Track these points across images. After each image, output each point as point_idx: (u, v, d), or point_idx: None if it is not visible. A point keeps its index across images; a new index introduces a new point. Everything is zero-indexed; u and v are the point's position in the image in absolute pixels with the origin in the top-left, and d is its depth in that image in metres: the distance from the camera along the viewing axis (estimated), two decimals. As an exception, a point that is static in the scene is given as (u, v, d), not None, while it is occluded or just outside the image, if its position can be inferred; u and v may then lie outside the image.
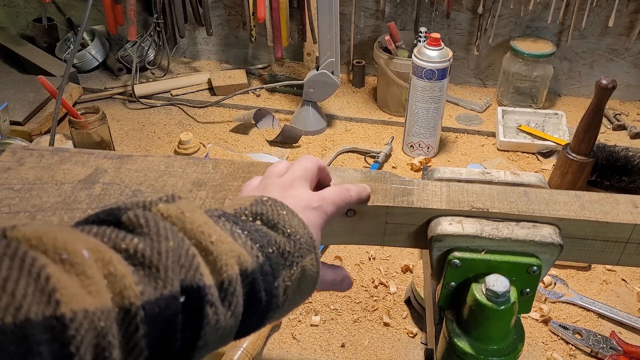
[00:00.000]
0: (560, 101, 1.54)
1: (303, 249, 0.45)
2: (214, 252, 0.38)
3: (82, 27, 1.20)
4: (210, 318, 0.36)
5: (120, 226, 0.37)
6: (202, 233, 0.38)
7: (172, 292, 0.34)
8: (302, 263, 0.44)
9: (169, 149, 1.33)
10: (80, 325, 0.29)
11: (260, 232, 0.43)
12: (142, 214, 0.37)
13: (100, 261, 0.32)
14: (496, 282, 0.53)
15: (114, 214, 0.37)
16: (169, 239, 0.36)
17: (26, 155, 0.63)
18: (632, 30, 1.43)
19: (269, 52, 1.63)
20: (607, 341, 0.89)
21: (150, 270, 0.34)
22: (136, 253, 0.34)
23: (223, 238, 0.39)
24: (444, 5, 1.46)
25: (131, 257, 0.34)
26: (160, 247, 0.35)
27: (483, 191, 0.59)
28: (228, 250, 0.39)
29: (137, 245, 0.35)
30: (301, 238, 0.45)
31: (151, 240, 0.35)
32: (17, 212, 0.56)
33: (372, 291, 0.99)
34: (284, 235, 0.44)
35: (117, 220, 0.37)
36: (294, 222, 0.45)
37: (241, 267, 0.39)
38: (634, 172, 1.11)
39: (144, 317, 0.32)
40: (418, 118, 1.26)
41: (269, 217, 0.45)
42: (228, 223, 0.42)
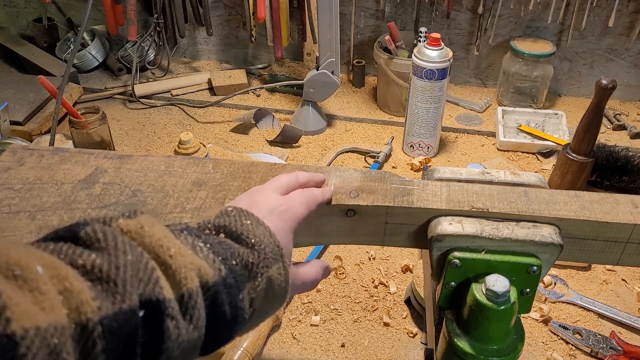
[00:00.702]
0: (560, 101, 1.54)
1: (268, 258, 0.44)
2: (173, 266, 0.37)
3: (82, 27, 1.20)
4: (171, 332, 0.36)
5: (77, 242, 0.36)
6: (161, 247, 0.38)
7: (130, 306, 0.34)
8: (268, 273, 0.44)
9: (169, 149, 1.33)
10: (32, 343, 0.28)
11: (223, 244, 0.42)
12: (101, 228, 0.37)
13: (55, 277, 0.32)
14: (496, 282, 0.53)
15: (72, 230, 0.37)
16: (127, 252, 0.35)
17: (26, 155, 0.63)
18: (632, 30, 1.43)
19: (269, 52, 1.63)
20: (607, 341, 0.89)
21: (108, 285, 0.33)
22: (93, 268, 0.34)
23: (182, 251, 0.39)
24: (444, 5, 1.46)
25: (88, 272, 0.34)
26: (117, 261, 0.35)
27: (483, 191, 0.59)
28: (187, 263, 0.38)
29: (94, 260, 0.34)
30: (266, 247, 0.44)
31: (109, 255, 0.35)
32: (17, 212, 0.56)
33: (372, 291, 0.99)
34: (247, 247, 0.43)
35: (74, 236, 0.36)
36: (259, 231, 0.45)
37: (201, 279, 0.39)
38: (634, 172, 1.11)
39: (102, 332, 0.32)
40: (418, 118, 1.26)
41: (232, 229, 0.44)
42: (190, 237, 0.41)
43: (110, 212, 0.39)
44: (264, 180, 0.60)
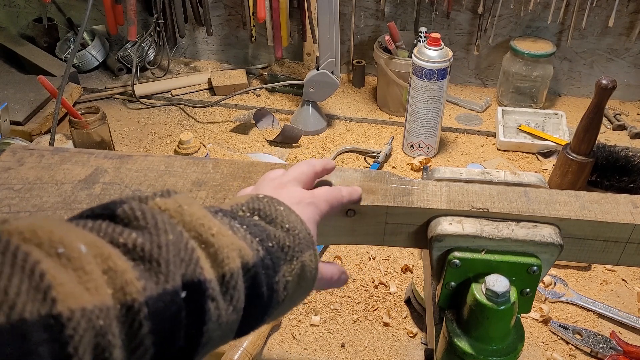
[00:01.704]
0: (560, 101, 1.54)
1: (302, 244, 0.44)
2: (215, 245, 0.37)
3: (82, 27, 1.20)
4: (212, 313, 0.35)
5: (115, 220, 0.35)
6: (202, 225, 0.37)
7: (174, 287, 0.33)
8: (302, 258, 0.44)
9: (169, 149, 1.33)
10: (78, 324, 0.28)
11: (259, 226, 0.42)
12: (139, 206, 0.36)
13: (99, 256, 0.31)
14: (496, 282, 0.53)
15: (109, 208, 0.36)
16: (168, 232, 0.35)
17: (26, 155, 0.63)
18: (632, 30, 1.43)
19: (269, 52, 1.63)
20: (607, 341, 0.89)
21: (151, 265, 0.33)
22: (135, 247, 0.33)
23: (223, 231, 0.38)
24: (444, 5, 1.46)
25: (130, 251, 0.33)
26: (159, 240, 0.34)
27: (483, 191, 0.59)
28: (229, 243, 0.38)
29: (135, 239, 0.33)
30: (300, 233, 0.44)
31: (150, 234, 0.34)
32: (17, 212, 0.56)
33: (372, 291, 0.99)
34: (282, 230, 0.43)
35: (112, 214, 0.36)
36: (292, 217, 0.45)
37: (243, 260, 0.38)
38: (634, 172, 1.11)
39: (148, 313, 0.31)
40: (418, 118, 1.26)
41: (266, 212, 0.44)
42: (226, 218, 0.41)
43: (145, 194, 0.38)
44: (264, 180, 0.60)
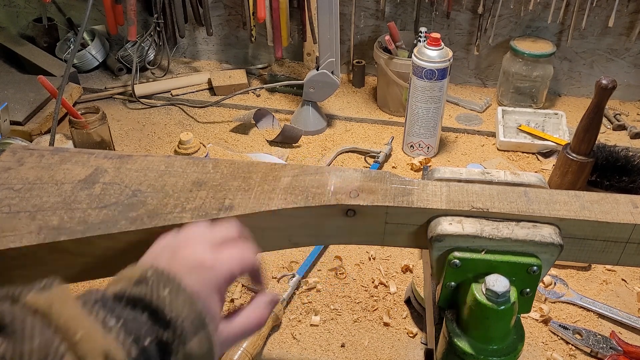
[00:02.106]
0: (560, 101, 1.54)
1: (187, 333, 0.42)
2: (80, 351, 0.36)
3: (82, 27, 1.20)
4: None
5: None
6: (69, 329, 0.36)
7: None
8: (185, 350, 0.42)
9: (169, 149, 1.33)
10: None
11: (137, 320, 0.41)
12: (9, 310, 0.36)
13: None
14: (496, 282, 0.53)
15: None
16: (35, 337, 0.34)
17: (26, 155, 0.63)
18: (632, 30, 1.43)
19: (269, 52, 1.63)
20: (607, 341, 0.89)
21: None
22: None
23: (90, 334, 0.37)
24: (444, 5, 1.46)
25: None
26: (23, 347, 0.34)
27: (483, 191, 0.59)
28: (94, 348, 0.37)
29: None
30: (184, 321, 0.42)
31: (14, 341, 0.34)
32: (17, 212, 0.56)
33: (372, 291, 0.99)
34: (163, 323, 0.42)
35: None
36: (178, 301, 0.43)
37: None
38: (634, 172, 1.11)
39: None
40: (418, 118, 1.26)
41: (148, 303, 0.42)
42: (103, 311, 0.40)
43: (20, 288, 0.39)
44: (264, 180, 0.60)
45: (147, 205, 0.57)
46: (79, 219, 0.55)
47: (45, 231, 0.54)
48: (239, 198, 0.58)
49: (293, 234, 0.59)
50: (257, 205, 0.57)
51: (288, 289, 0.96)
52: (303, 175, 0.61)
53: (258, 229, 0.57)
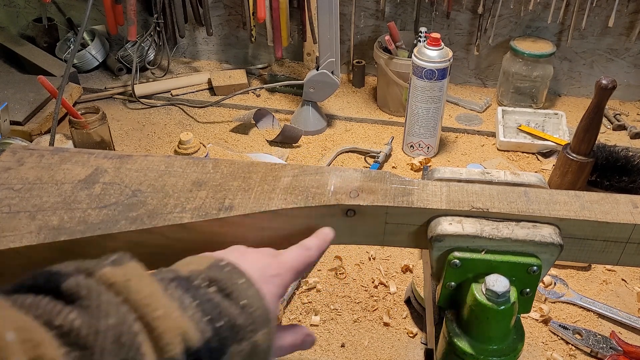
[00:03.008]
0: (560, 101, 1.54)
1: (257, 322, 0.42)
2: (158, 329, 0.36)
3: (82, 27, 1.20)
4: None
5: (58, 295, 0.34)
6: (148, 306, 0.36)
7: None
8: (254, 338, 0.42)
9: (169, 149, 1.33)
10: None
11: (212, 302, 0.41)
12: (84, 283, 0.35)
13: (28, 342, 0.30)
14: (496, 282, 0.53)
15: (52, 281, 0.35)
16: (110, 315, 0.34)
17: (26, 155, 0.63)
18: (632, 30, 1.43)
19: (269, 52, 1.63)
20: (607, 341, 0.89)
21: (85, 352, 0.31)
22: (71, 331, 0.32)
23: (170, 312, 0.37)
24: (444, 5, 1.46)
25: (65, 335, 0.32)
26: (98, 325, 0.33)
27: (483, 191, 0.59)
28: (174, 327, 0.36)
29: (72, 322, 0.32)
30: (255, 311, 0.42)
31: (90, 317, 0.33)
32: (17, 212, 0.56)
33: (372, 291, 0.99)
34: (237, 307, 0.41)
35: (56, 288, 0.34)
36: (250, 292, 0.43)
37: (186, 344, 0.37)
38: (634, 172, 1.11)
39: None
40: (418, 118, 1.26)
41: (224, 285, 0.42)
42: (179, 290, 0.40)
43: (94, 261, 0.38)
44: (264, 180, 0.60)
45: (147, 205, 0.57)
46: (79, 219, 0.55)
47: (45, 231, 0.54)
48: (239, 198, 0.58)
49: (293, 234, 0.59)
50: (257, 205, 0.57)
51: (288, 289, 0.96)
52: (303, 175, 0.61)
53: (258, 229, 0.57)
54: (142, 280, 0.37)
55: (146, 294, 0.37)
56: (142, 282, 0.37)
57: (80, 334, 0.32)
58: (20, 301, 0.33)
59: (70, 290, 0.34)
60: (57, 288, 0.34)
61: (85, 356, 0.31)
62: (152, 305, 0.36)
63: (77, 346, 0.32)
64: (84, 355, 0.31)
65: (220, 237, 0.57)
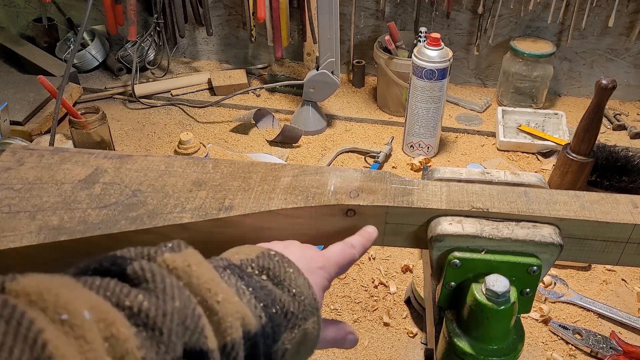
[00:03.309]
0: (560, 101, 1.54)
1: (307, 310, 0.43)
2: (219, 313, 0.37)
3: (82, 27, 1.20)
4: None
5: (124, 278, 0.35)
6: (209, 290, 0.37)
7: (174, 358, 0.33)
8: (305, 326, 0.42)
9: (169, 149, 1.33)
10: None
11: (265, 289, 0.41)
12: (148, 267, 0.36)
13: (102, 321, 0.31)
14: (496, 282, 0.53)
15: (118, 264, 0.36)
16: (175, 297, 0.35)
17: (26, 155, 0.63)
18: (632, 30, 1.43)
19: (269, 52, 1.63)
20: (607, 341, 0.89)
21: (154, 333, 0.33)
22: (140, 312, 0.33)
23: (229, 297, 0.38)
24: (444, 5, 1.46)
25: (134, 315, 0.33)
26: (165, 307, 0.34)
27: (483, 191, 0.59)
28: (234, 312, 0.37)
29: (141, 303, 0.33)
30: (306, 299, 0.43)
31: (157, 299, 0.34)
32: (17, 212, 0.56)
33: (372, 291, 0.99)
34: (289, 294, 0.42)
35: (121, 271, 0.35)
36: (300, 281, 0.44)
37: (245, 329, 0.38)
38: (634, 172, 1.11)
39: None
40: (418, 118, 1.26)
41: (275, 273, 0.43)
42: (233, 277, 0.40)
43: (153, 248, 0.39)
44: (264, 180, 0.60)
45: (147, 205, 0.57)
46: (79, 219, 0.55)
47: (45, 231, 0.54)
48: (239, 198, 0.58)
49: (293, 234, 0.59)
50: (257, 205, 0.57)
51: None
52: (303, 175, 0.61)
53: (258, 229, 0.57)
54: (202, 266, 0.38)
55: (207, 278, 0.37)
56: (202, 268, 0.38)
57: (149, 314, 0.33)
58: (90, 282, 0.33)
59: (135, 274, 0.35)
60: (122, 271, 0.35)
61: (154, 336, 0.33)
62: (213, 289, 0.37)
63: (147, 326, 0.33)
64: (153, 336, 0.33)
65: (220, 237, 0.57)
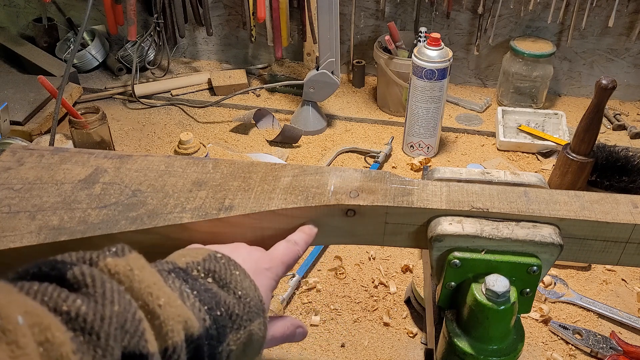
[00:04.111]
0: (560, 101, 1.54)
1: (252, 312, 0.43)
2: (161, 317, 0.36)
3: (82, 27, 1.20)
4: None
5: (63, 283, 0.35)
6: (150, 295, 0.37)
7: None
8: (250, 327, 0.43)
9: (169, 149, 1.33)
10: None
11: (210, 292, 0.42)
12: (89, 271, 0.35)
13: (37, 326, 0.30)
14: (496, 282, 0.53)
15: (57, 269, 0.35)
16: (115, 302, 0.34)
17: (26, 155, 0.63)
18: (632, 30, 1.43)
19: (269, 52, 1.63)
20: (607, 341, 0.89)
21: (91, 337, 0.32)
22: (77, 317, 0.33)
23: (172, 301, 0.38)
24: (444, 5, 1.46)
25: (72, 320, 0.32)
26: (104, 311, 0.33)
27: (483, 191, 0.59)
28: (175, 315, 0.37)
29: (79, 307, 0.33)
30: (251, 301, 0.43)
31: (95, 303, 0.34)
32: (17, 212, 0.56)
33: (372, 291, 0.99)
34: (234, 297, 0.43)
35: (60, 276, 0.35)
36: (246, 283, 0.44)
37: (187, 332, 0.38)
38: (634, 172, 1.11)
39: None
40: (418, 118, 1.26)
41: (221, 276, 0.43)
42: (178, 280, 0.40)
43: (96, 252, 0.38)
44: (264, 180, 0.60)
45: (147, 205, 0.57)
46: (79, 219, 0.55)
47: (45, 231, 0.54)
48: (239, 198, 0.58)
49: (293, 234, 0.59)
50: (257, 205, 0.57)
51: (288, 289, 0.96)
52: (303, 175, 0.61)
53: (258, 229, 0.57)
54: (144, 270, 0.38)
55: (149, 283, 0.37)
56: (144, 272, 0.38)
57: (87, 319, 0.33)
58: (27, 287, 0.33)
59: (75, 279, 0.35)
60: (61, 276, 0.35)
61: (91, 341, 0.32)
62: (155, 293, 0.37)
63: (84, 331, 0.32)
64: (90, 340, 0.32)
65: (220, 237, 0.57)
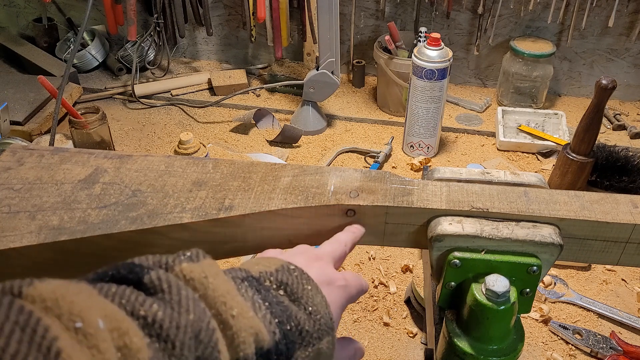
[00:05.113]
0: (560, 101, 1.54)
1: (322, 330, 0.42)
2: (234, 327, 0.36)
3: (82, 27, 1.20)
4: None
5: (141, 287, 0.35)
6: (224, 304, 0.37)
7: None
8: (319, 345, 0.42)
9: (169, 149, 1.33)
10: None
11: (281, 305, 0.41)
12: (165, 277, 0.36)
13: (116, 331, 0.31)
14: (496, 282, 0.53)
15: (135, 272, 0.36)
16: (190, 310, 0.34)
17: (26, 155, 0.63)
18: (632, 30, 1.43)
19: (269, 52, 1.63)
20: (607, 341, 0.89)
21: (166, 345, 0.33)
22: (154, 322, 0.33)
23: (244, 311, 0.37)
24: (444, 5, 1.46)
25: (148, 325, 0.33)
26: (180, 319, 0.34)
27: (483, 191, 0.59)
28: (248, 327, 0.37)
29: (156, 313, 0.33)
30: (322, 318, 0.42)
31: (172, 310, 0.34)
32: (17, 212, 0.56)
33: (372, 291, 0.99)
34: (305, 312, 0.42)
35: (138, 280, 0.35)
36: (317, 299, 0.43)
37: (257, 345, 0.37)
38: (634, 172, 1.11)
39: None
40: (418, 118, 1.26)
41: (293, 289, 0.42)
42: (250, 289, 0.40)
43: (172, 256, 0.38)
44: (264, 180, 0.60)
45: (147, 205, 0.57)
46: (79, 219, 0.55)
47: (45, 231, 0.54)
48: (239, 198, 0.58)
49: (293, 234, 0.59)
50: (257, 205, 0.57)
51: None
52: (303, 175, 0.61)
53: (258, 229, 0.57)
54: (218, 278, 0.38)
55: (223, 291, 0.37)
56: (218, 280, 0.38)
57: (163, 326, 0.33)
58: (105, 289, 0.33)
59: (152, 283, 0.35)
60: (139, 280, 0.35)
61: (166, 349, 0.32)
62: (228, 303, 0.37)
63: (159, 338, 0.32)
64: (165, 348, 0.32)
65: (220, 237, 0.57)
